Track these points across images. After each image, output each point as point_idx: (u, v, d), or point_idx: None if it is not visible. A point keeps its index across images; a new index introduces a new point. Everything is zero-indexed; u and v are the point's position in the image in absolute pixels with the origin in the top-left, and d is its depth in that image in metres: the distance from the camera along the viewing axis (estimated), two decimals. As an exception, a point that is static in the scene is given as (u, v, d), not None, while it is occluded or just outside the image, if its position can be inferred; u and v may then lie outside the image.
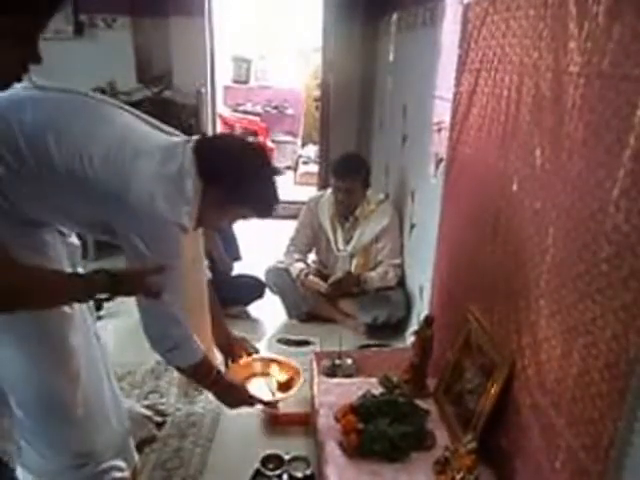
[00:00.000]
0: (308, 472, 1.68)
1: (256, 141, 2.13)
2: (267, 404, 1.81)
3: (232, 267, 2.99)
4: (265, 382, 1.95)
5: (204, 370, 1.55)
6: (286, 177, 6.09)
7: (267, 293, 3.00)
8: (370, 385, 1.81)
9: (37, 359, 1.32)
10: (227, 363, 1.94)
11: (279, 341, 2.71)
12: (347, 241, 2.93)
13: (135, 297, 1.34)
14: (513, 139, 1.43)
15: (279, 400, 1.87)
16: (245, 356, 1.98)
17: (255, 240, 3.50)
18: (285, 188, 5.42)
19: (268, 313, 2.98)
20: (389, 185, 3.35)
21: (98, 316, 2.71)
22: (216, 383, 1.61)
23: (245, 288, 2.96)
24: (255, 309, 3.01)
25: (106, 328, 2.61)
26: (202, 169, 1.40)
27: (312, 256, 3.16)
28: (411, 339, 1.88)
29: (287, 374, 1.97)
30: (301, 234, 3.04)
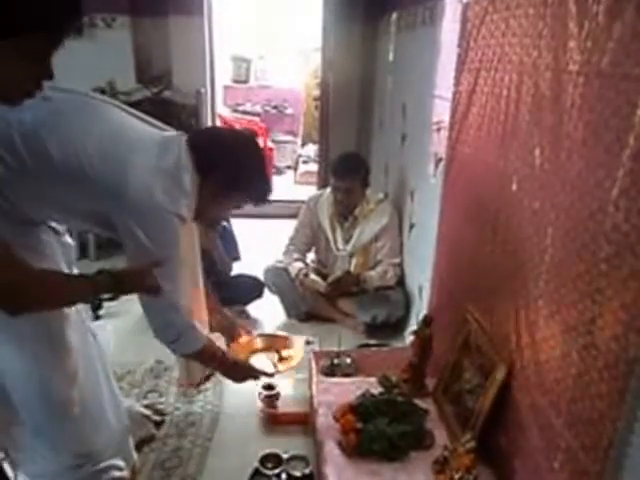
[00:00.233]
0: (307, 471, 1.69)
1: (246, 129, 2.16)
2: (271, 375, 1.88)
3: (231, 267, 2.99)
4: (267, 357, 2.03)
5: (209, 354, 1.64)
6: (286, 176, 6.09)
7: (266, 293, 3.00)
8: (369, 384, 1.81)
9: (37, 357, 1.32)
10: (229, 343, 2.03)
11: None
12: (346, 240, 2.93)
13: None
14: (512, 138, 1.43)
15: (282, 372, 1.95)
16: (245, 335, 2.09)
17: (254, 240, 3.49)
18: (285, 187, 5.45)
19: (267, 313, 2.98)
20: (388, 185, 3.35)
21: (98, 316, 2.72)
22: (222, 363, 1.71)
23: (244, 288, 2.96)
24: (254, 309, 3.00)
25: (106, 328, 2.61)
26: (198, 163, 1.44)
27: (311, 255, 3.16)
28: (410, 339, 1.88)
29: (288, 348, 2.06)
30: (300, 233, 3.04)
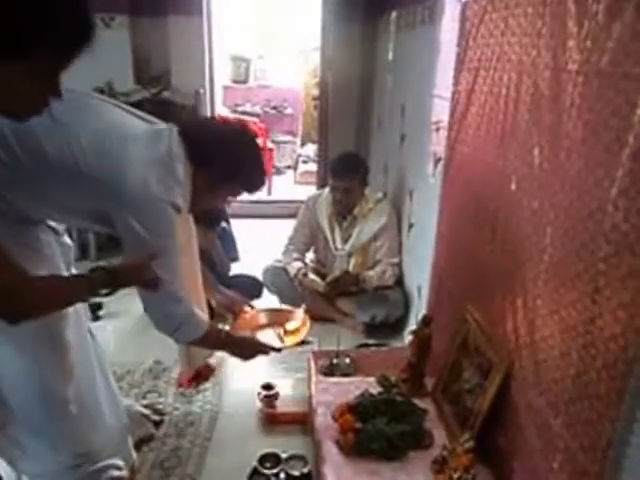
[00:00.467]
0: (305, 471, 1.69)
1: (238, 119, 2.17)
2: (279, 350, 1.87)
3: (230, 267, 2.99)
4: (273, 331, 2.04)
5: (213, 338, 1.65)
6: (286, 176, 6.09)
7: (265, 293, 2.99)
8: (368, 384, 1.81)
9: (37, 357, 1.32)
10: (234, 320, 2.07)
11: (277, 340, 2.71)
12: (345, 240, 2.93)
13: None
14: (511, 138, 1.42)
15: (289, 347, 1.96)
16: (248, 310, 2.11)
17: (253, 240, 3.49)
18: (285, 187, 5.45)
19: (266, 313, 2.98)
20: (388, 184, 3.35)
21: (98, 316, 2.72)
22: (227, 343, 1.72)
23: (243, 288, 2.95)
24: (253, 309, 3.00)
25: (105, 329, 2.61)
26: (192, 153, 1.44)
27: (310, 255, 3.16)
28: (409, 338, 1.87)
29: (293, 321, 2.07)
30: (299, 233, 3.04)
